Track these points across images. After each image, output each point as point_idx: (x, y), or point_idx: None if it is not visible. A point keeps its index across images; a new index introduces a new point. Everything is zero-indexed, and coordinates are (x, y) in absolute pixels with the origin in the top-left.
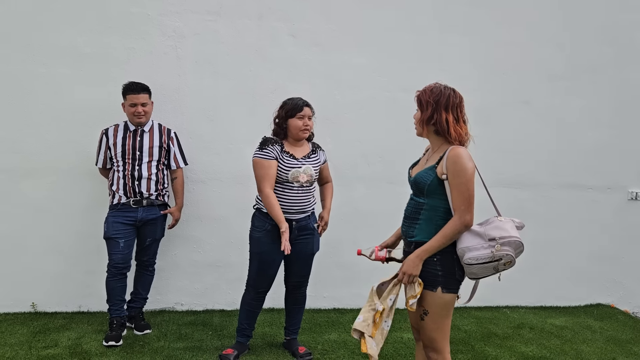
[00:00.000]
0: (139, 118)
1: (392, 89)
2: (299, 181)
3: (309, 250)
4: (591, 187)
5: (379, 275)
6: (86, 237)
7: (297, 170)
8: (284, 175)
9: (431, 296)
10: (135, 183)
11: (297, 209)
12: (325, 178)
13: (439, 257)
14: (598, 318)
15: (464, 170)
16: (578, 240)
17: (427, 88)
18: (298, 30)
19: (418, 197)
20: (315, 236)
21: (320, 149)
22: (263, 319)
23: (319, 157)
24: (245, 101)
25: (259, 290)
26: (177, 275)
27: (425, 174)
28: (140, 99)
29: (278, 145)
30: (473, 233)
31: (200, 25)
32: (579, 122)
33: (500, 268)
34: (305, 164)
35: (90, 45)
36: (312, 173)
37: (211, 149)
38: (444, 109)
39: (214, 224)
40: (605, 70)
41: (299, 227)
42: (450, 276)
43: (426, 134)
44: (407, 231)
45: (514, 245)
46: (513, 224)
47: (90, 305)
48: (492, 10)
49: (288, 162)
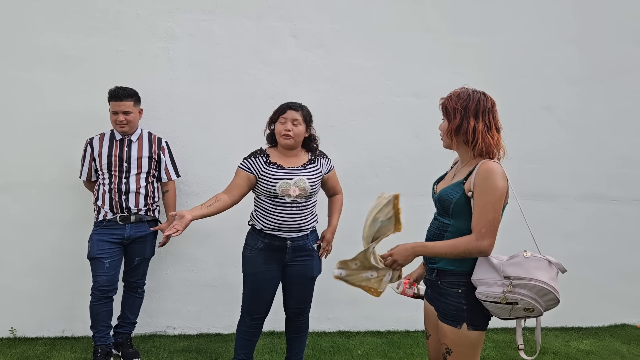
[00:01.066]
0: (121, 127)
1: (402, 94)
2: (289, 195)
3: (308, 274)
4: (616, 199)
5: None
6: (70, 255)
7: (285, 183)
8: (271, 188)
9: (455, 333)
10: (122, 197)
11: (291, 227)
12: (332, 189)
13: (463, 289)
14: (625, 341)
15: (493, 189)
16: (602, 256)
17: (453, 94)
18: (300, 31)
19: (442, 217)
20: (314, 258)
21: (324, 157)
22: (262, 344)
23: (319, 166)
24: (243, 107)
25: (254, 317)
26: (168, 297)
27: (452, 190)
28: (122, 107)
29: (263, 157)
30: (490, 265)
31: (194, 25)
32: (602, 128)
33: (517, 313)
34: (298, 175)
35: (75, 47)
36: (307, 186)
37: (206, 159)
38: (473, 116)
39: (209, 241)
40: (630, 72)
41: (294, 247)
42: (477, 311)
43: (456, 146)
44: (433, 260)
45: (535, 290)
46: (546, 264)
47: (74, 329)
48: (508, 8)
49: (274, 174)
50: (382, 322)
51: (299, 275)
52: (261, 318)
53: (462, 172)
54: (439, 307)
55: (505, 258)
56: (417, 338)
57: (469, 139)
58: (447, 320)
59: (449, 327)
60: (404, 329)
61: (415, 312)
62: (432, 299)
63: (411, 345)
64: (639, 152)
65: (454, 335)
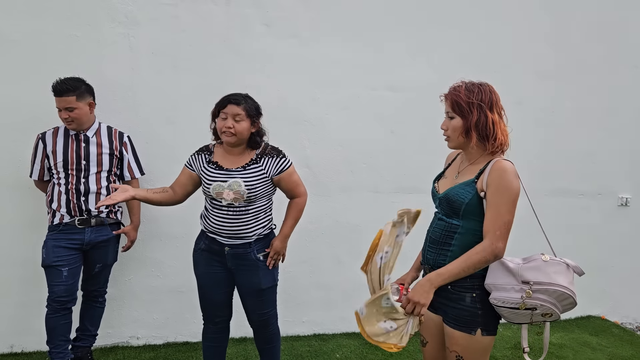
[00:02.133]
0: (68, 124)
1: (379, 87)
2: (224, 199)
3: (255, 285)
4: (582, 194)
5: (365, 296)
6: (18, 263)
7: (218, 185)
8: (206, 190)
9: (468, 340)
10: (81, 199)
11: (228, 232)
12: (289, 192)
13: (478, 293)
14: (593, 333)
15: (509, 189)
16: (567, 249)
17: (460, 87)
18: (272, 19)
19: (450, 218)
20: (261, 269)
21: (275, 155)
22: (235, 351)
23: (263, 167)
24: (211, 100)
25: (215, 321)
26: (131, 305)
27: (462, 190)
28: (63, 103)
29: (206, 155)
30: (505, 268)
31: (157, 9)
32: (569, 124)
33: (535, 318)
34: (234, 177)
35: (20, 31)
36: (242, 189)
37: (171, 156)
38: (489, 109)
39: (175, 243)
40: (595, 69)
41: (233, 254)
42: (491, 316)
43: (465, 145)
44: (435, 259)
45: (556, 295)
46: (564, 268)
47: (25, 344)
48: (482, 2)
49: (211, 175)
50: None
51: (247, 286)
52: (223, 322)
53: (470, 171)
54: (448, 313)
55: (520, 261)
56: None
57: (488, 134)
58: (460, 327)
59: (461, 334)
60: None
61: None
62: (436, 305)
63: None
64: (603, 147)
65: (467, 342)
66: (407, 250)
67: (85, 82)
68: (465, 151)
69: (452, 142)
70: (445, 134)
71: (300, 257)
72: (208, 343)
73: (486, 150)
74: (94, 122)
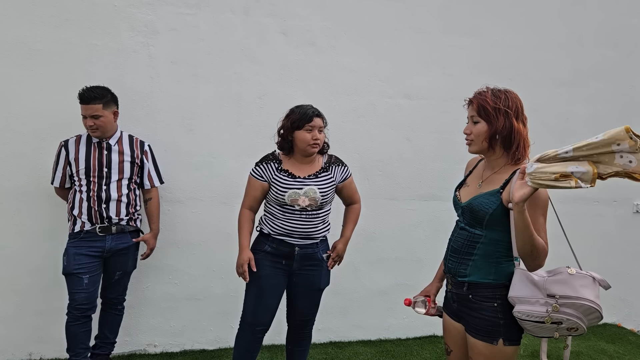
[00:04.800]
0: (92, 132)
1: (393, 95)
2: (299, 205)
3: (315, 284)
4: (597, 201)
5: (380, 304)
6: (38, 271)
7: (294, 192)
8: (280, 197)
9: (490, 350)
10: (102, 206)
11: (300, 234)
12: (348, 198)
13: (499, 303)
14: (609, 340)
15: (542, 199)
16: (583, 257)
17: (486, 93)
18: (290, 28)
19: (473, 227)
20: (323, 268)
21: (340, 164)
22: (260, 357)
23: (332, 175)
24: (230, 108)
25: (257, 328)
26: (149, 312)
27: (487, 200)
28: (89, 110)
29: (275, 163)
30: (530, 281)
31: (176, 19)
32: (584, 130)
33: (560, 332)
34: (309, 185)
35: (44, 41)
36: (317, 196)
37: (190, 164)
38: (515, 117)
39: (193, 251)
40: (609, 76)
41: (302, 255)
42: (513, 325)
43: (487, 151)
44: (456, 268)
45: (582, 309)
46: (591, 281)
47: (43, 352)
48: (497, 10)
49: (285, 183)
50: (373, 330)
51: (305, 286)
52: (263, 330)
53: (494, 180)
54: (469, 323)
55: (544, 274)
56: (409, 346)
57: (512, 142)
58: (482, 337)
59: (484, 344)
60: (396, 337)
61: (406, 319)
62: (459, 314)
63: (405, 354)
64: None
65: (489, 352)
66: (426, 258)
67: (111, 91)
68: (488, 158)
69: (475, 146)
70: (467, 138)
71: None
72: (241, 351)
73: (508, 158)
74: (116, 130)
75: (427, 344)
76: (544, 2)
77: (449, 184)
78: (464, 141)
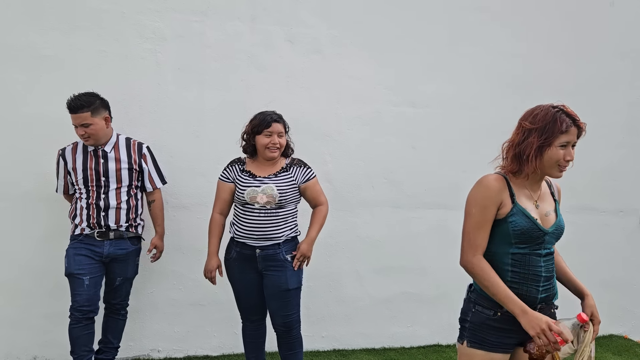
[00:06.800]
0: (85, 140)
1: (400, 103)
2: (258, 202)
3: (282, 285)
4: (604, 211)
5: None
6: (43, 274)
7: (252, 190)
8: (241, 195)
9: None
10: (100, 214)
11: (259, 234)
12: (313, 200)
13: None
14: (616, 352)
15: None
16: (589, 267)
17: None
18: (296, 36)
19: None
20: (288, 269)
21: (302, 165)
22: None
23: (293, 175)
24: (236, 115)
25: (252, 319)
26: (153, 317)
27: (562, 216)
28: (78, 119)
29: (239, 165)
30: None
31: (183, 26)
32: (590, 141)
33: None
34: (267, 183)
35: (53, 47)
36: (275, 194)
37: (195, 170)
38: None
39: (198, 257)
40: (617, 86)
41: (264, 256)
42: None
43: None
44: (552, 293)
45: None
46: None
47: (48, 354)
48: (502, 20)
49: (245, 182)
50: (377, 338)
51: (273, 287)
52: (259, 320)
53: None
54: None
55: None
56: (413, 355)
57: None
58: None
59: None
60: (399, 346)
61: (410, 327)
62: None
63: None
64: (625, 165)
65: None
66: (431, 266)
67: (100, 96)
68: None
69: None
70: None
71: (321, 271)
72: (248, 339)
73: None
74: (111, 135)
75: (432, 353)
76: (550, 11)
77: (455, 192)
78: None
